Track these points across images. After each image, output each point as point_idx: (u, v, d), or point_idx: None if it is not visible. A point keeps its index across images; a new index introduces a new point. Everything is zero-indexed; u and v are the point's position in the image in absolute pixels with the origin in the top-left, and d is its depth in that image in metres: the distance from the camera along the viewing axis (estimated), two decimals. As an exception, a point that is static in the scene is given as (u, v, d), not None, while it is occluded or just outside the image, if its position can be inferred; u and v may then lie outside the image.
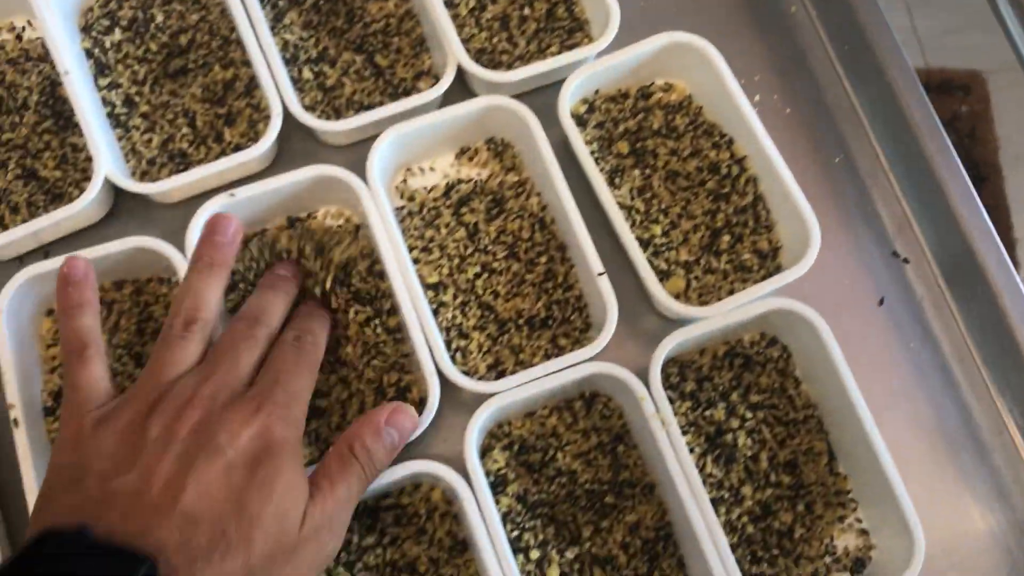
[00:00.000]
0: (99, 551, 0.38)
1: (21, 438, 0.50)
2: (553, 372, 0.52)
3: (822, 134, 0.63)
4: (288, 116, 0.56)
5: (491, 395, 0.52)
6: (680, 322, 0.55)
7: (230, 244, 0.50)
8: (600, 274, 0.53)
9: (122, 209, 0.59)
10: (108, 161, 0.54)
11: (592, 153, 0.58)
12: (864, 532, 0.54)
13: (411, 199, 0.59)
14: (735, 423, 0.54)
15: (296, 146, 0.60)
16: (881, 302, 0.59)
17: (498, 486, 0.53)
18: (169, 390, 0.44)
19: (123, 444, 0.42)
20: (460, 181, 0.59)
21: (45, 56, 0.59)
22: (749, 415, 0.55)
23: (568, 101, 0.57)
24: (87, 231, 0.58)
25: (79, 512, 0.40)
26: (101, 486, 0.41)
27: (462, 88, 0.61)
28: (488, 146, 0.60)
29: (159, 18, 0.60)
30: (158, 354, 0.46)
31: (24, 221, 0.55)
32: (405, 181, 0.59)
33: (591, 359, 0.53)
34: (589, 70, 0.58)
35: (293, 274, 0.53)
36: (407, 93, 0.59)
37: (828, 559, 0.54)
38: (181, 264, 0.53)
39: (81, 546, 0.38)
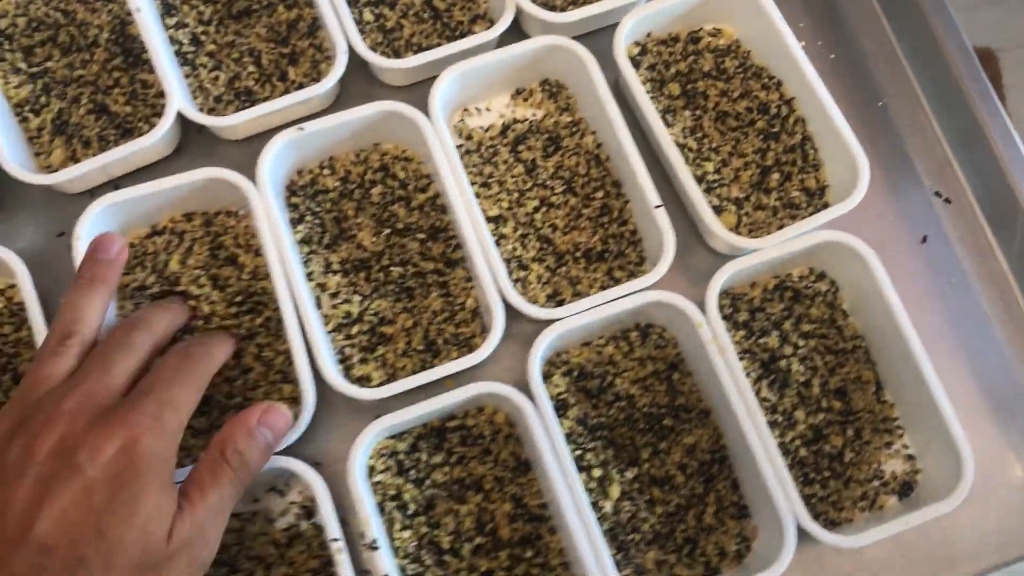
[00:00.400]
0: None
1: (102, 359, 0.52)
2: (613, 300, 0.54)
3: (865, 79, 0.64)
4: (349, 57, 0.58)
5: (553, 321, 0.53)
6: (729, 259, 0.57)
7: (113, 262, 0.49)
8: (657, 207, 0.55)
9: (188, 146, 0.60)
10: (181, 96, 0.56)
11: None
12: (910, 458, 0.56)
13: (468, 138, 0.60)
14: (788, 350, 0.56)
15: (355, 87, 0.61)
16: (924, 240, 0.61)
17: (559, 410, 0.55)
18: (36, 407, 0.42)
19: None
20: (516, 121, 0.61)
21: (112, -3, 0.60)
22: (801, 343, 0.57)
23: (623, 42, 0.58)
24: (154, 166, 0.59)
25: None
26: None
27: (516, 32, 0.62)
28: (543, 87, 0.61)
29: (224, -42, 0.61)
30: (30, 371, 0.44)
31: (95, 156, 0.56)
32: (462, 120, 0.61)
33: (648, 288, 0.54)
34: (642, 12, 0.59)
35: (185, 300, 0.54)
36: (463, 35, 0.61)
37: (876, 483, 0.55)
38: (253, 195, 0.55)
39: None
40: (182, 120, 0.57)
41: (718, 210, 0.59)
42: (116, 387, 0.44)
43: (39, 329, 0.52)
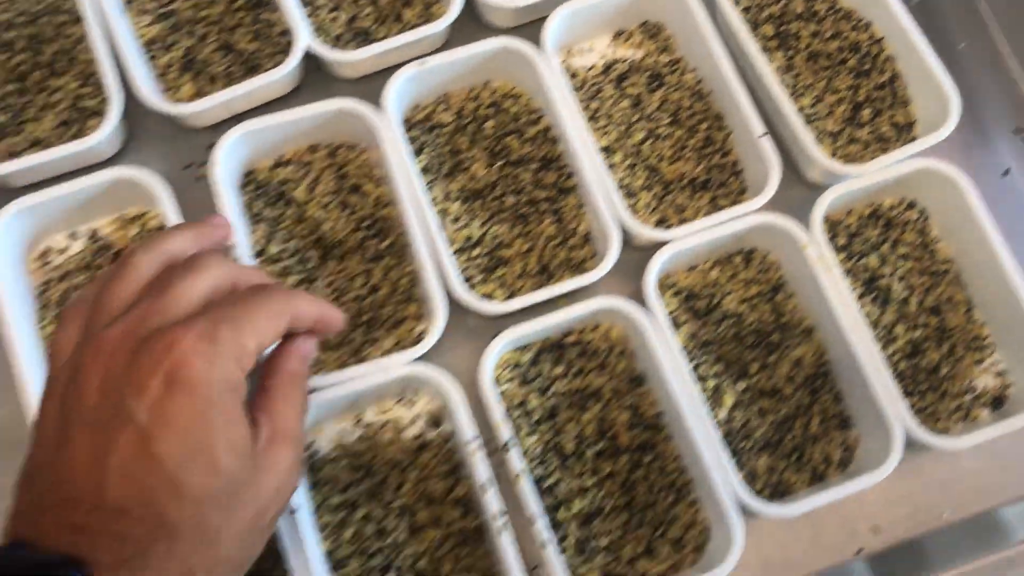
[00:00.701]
0: (29, 565, 0.33)
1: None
2: (724, 222, 0.57)
3: (944, 24, 0.68)
4: (462, -2, 0.61)
5: (665, 242, 0.57)
6: (822, 192, 0.59)
7: (219, 228, 0.47)
8: (762, 135, 0.58)
9: (305, 84, 0.63)
10: (307, 34, 0.59)
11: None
12: (1001, 373, 0.59)
13: (573, 76, 0.63)
14: (887, 269, 0.59)
15: (464, 30, 0.64)
16: (1006, 173, 0.64)
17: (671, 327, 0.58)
18: (89, 333, 0.38)
19: (45, 420, 0.37)
20: (617, 61, 0.64)
21: (234, -58, 0.64)
22: (899, 263, 0.60)
23: (723, -18, 0.62)
24: (274, 104, 0.62)
25: (21, 519, 0.36)
26: (35, 480, 0.36)
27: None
28: (642, 28, 0.64)
29: (341, -94, 0.64)
30: (96, 288, 0.40)
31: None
32: (566, 61, 0.64)
33: (756, 211, 0.57)
34: (739, -44, 0.63)
35: None
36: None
37: (969, 396, 0.59)
38: (379, 125, 0.58)
39: (14, 566, 0.33)
40: (305, 59, 0.60)
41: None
42: (176, 309, 0.37)
43: (183, 248, 0.55)
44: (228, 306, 0.38)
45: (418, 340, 0.55)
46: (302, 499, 0.52)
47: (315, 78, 0.63)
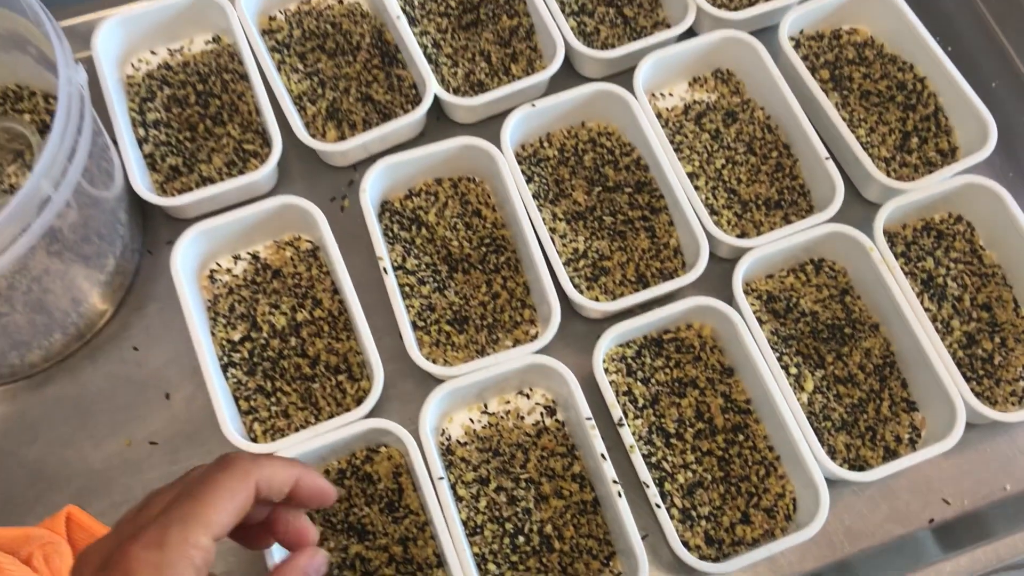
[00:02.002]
0: None
1: (389, 283, 0.64)
2: (801, 231, 0.66)
3: (980, 65, 0.77)
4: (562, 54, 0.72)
5: (748, 249, 0.66)
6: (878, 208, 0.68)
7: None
8: (827, 158, 0.68)
9: (428, 130, 0.74)
10: (435, 84, 0.70)
11: (802, 77, 0.73)
12: (1049, 362, 0.67)
13: (658, 116, 0.74)
14: (942, 270, 0.68)
15: (560, 80, 0.75)
16: (1041, 191, 0.73)
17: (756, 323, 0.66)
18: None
19: None
20: (695, 102, 0.74)
21: (367, 12, 0.75)
22: (952, 266, 0.68)
23: (786, 33, 0.72)
24: (401, 146, 0.73)
25: None
26: None
27: (683, 37, 0.76)
28: (715, 75, 0.75)
29: (457, -20, 0.76)
30: None
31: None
32: (652, 103, 0.74)
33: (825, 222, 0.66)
34: (798, 11, 0.73)
35: None
36: (645, 36, 0.75)
37: (1022, 383, 0.66)
38: (499, 158, 0.68)
39: None
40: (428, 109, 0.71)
41: (870, 167, 0.71)
42: (143, 520, 0.38)
43: (336, 263, 0.65)
44: (181, 501, 0.38)
45: (534, 339, 0.64)
46: (443, 474, 0.60)
47: (435, 125, 0.74)
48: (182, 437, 0.65)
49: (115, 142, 0.68)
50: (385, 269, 0.65)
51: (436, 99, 0.70)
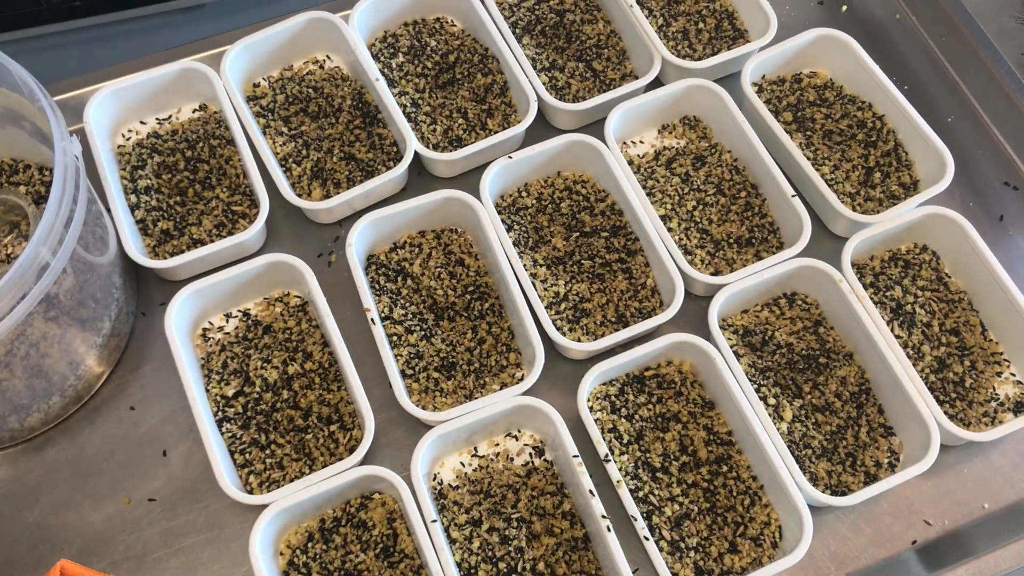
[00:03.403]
0: None
1: (377, 333, 0.66)
2: (771, 266, 0.69)
3: (935, 102, 0.81)
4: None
5: (722, 286, 0.68)
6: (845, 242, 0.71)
7: None
8: (793, 196, 0.71)
9: (410, 185, 0.77)
10: (415, 141, 0.73)
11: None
12: (1019, 383, 0.69)
13: (630, 162, 0.77)
14: (910, 298, 0.71)
15: (535, 132, 0.78)
16: (1001, 219, 0.76)
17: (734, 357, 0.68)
18: None
19: None
20: (665, 148, 0.78)
21: (347, 76, 0.79)
22: (919, 293, 0.71)
23: (748, 80, 0.76)
24: (384, 202, 0.76)
25: None
26: None
27: (652, 87, 0.80)
28: (683, 121, 0.78)
29: (432, 43, 0.80)
30: None
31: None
32: (623, 151, 0.77)
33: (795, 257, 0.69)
34: (759, 58, 0.77)
35: None
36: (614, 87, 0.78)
37: (994, 403, 0.68)
38: (479, 209, 0.70)
39: None
40: (408, 164, 0.74)
41: (835, 202, 0.74)
42: None
43: (325, 317, 0.67)
44: None
45: (520, 382, 0.66)
46: (436, 517, 0.62)
47: (417, 180, 0.77)
48: (180, 493, 0.66)
49: (108, 209, 0.70)
50: (373, 320, 0.67)
51: (417, 155, 0.73)
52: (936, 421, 0.64)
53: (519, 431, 0.67)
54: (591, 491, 0.61)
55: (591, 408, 0.67)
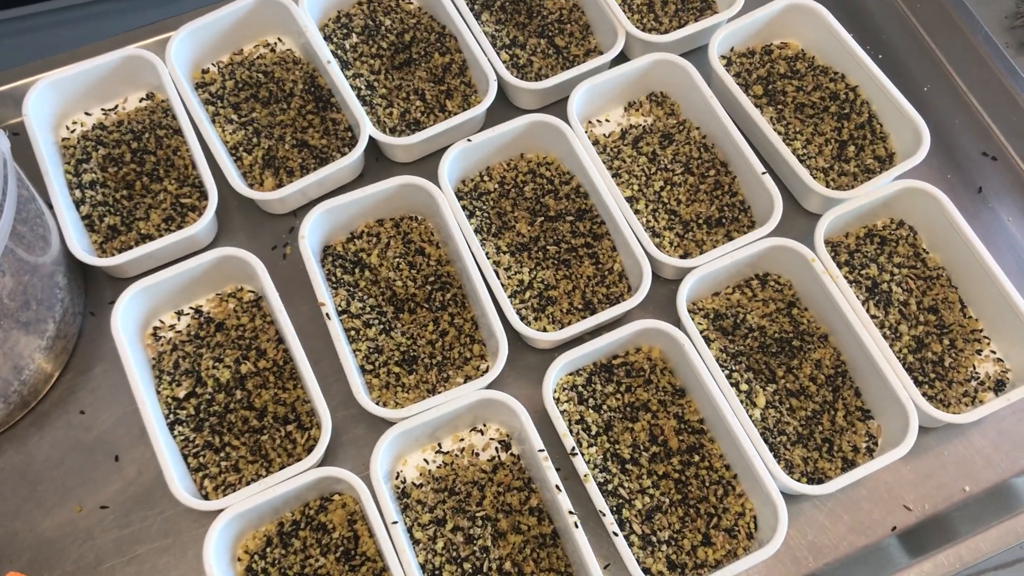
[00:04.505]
0: None
1: (333, 328, 0.64)
2: (740, 247, 0.66)
3: (911, 71, 0.78)
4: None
5: (691, 269, 0.66)
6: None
7: None
8: (763, 173, 0.68)
9: (367, 171, 0.74)
10: (369, 125, 0.70)
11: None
12: (999, 360, 0.67)
13: (596, 142, 0.74)
14: (886, 276, 0.68)
15: (497, 113, 0.75)
16: (980, 190, 0.74)
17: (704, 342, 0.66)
18: None
19: None
20: (631, 127, 0.75)
21: (299, 59, 0.75)
22: (896, 271, 0.69)
23: (716, 53, 0.73)
24: (341, 190, 0.73)
25: None
26: None
27: (619, 62, 0.76)
28: (650, 98, 0.75)
29: (387, 22, 0.77)
30: None
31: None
32: (588, 131, 0.74)
33: (766, 236, 0.67)
34: (726, 30, 0.74)
35: None
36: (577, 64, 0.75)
37: (974, 382, 0.66)
38: (438, 195, 0.68)
39: None
40: (365, 149, 0.71)
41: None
42: None
43: (278, 313, 0.64)
44: None
45: (484, 374, 0.63)
46: (398, 517, 0.59)
47: (374, 167, 0.74)
48: (134, 499, 0.64)
49: (51, 206, 0.67)
50: (328, 315, 0.64)
51: (373, 140, 0.70)
52: (914, 403, 0.62)
53: (484, 425, 0.65)
54: (557, 486, 0.59)
55: (558, 399, 0.64)
